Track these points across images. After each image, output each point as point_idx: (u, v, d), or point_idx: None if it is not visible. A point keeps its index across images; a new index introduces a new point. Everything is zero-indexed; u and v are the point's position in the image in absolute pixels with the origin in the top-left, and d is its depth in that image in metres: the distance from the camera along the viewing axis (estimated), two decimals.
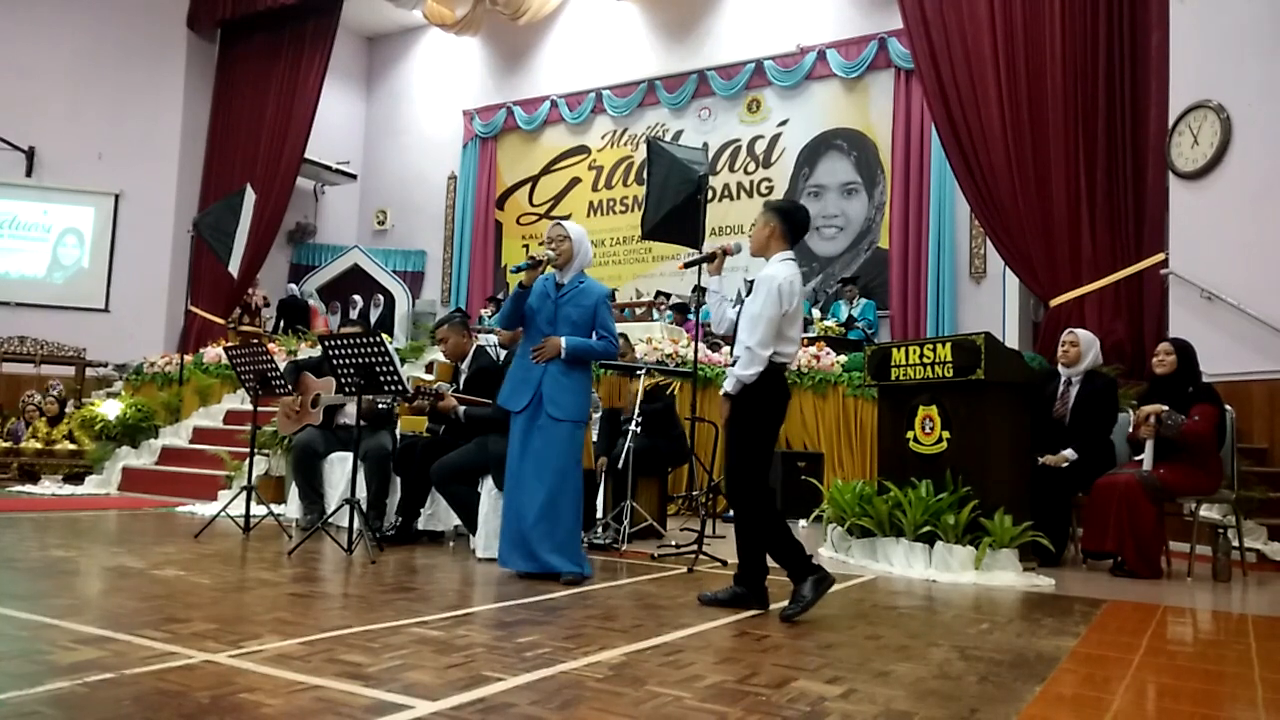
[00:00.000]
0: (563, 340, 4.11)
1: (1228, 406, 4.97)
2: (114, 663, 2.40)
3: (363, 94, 15.90)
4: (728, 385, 3.49)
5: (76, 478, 8.56)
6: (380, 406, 5.66)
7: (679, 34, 12.96)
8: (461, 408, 5.09)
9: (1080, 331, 5.52)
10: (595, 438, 5.79)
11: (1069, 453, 5.21)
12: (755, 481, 3.49)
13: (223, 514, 5.66)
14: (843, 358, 7.63)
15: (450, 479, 4.91)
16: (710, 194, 10.59)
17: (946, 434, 4.84)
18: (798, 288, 3.51)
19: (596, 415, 6.05)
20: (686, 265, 4.18)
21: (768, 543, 3.47)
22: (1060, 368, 5.47)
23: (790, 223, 3.60)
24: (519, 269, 4.11)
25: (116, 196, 12.49)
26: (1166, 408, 4.79)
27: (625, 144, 13.38)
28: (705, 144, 11.17)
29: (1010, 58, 7.80)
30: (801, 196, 11.63)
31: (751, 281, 3.64)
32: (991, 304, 10.05)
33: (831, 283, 11.24)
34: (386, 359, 4.64)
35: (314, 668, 2.43)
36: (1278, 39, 6.35)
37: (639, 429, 5.45)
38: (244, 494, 5.48)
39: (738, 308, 3.71)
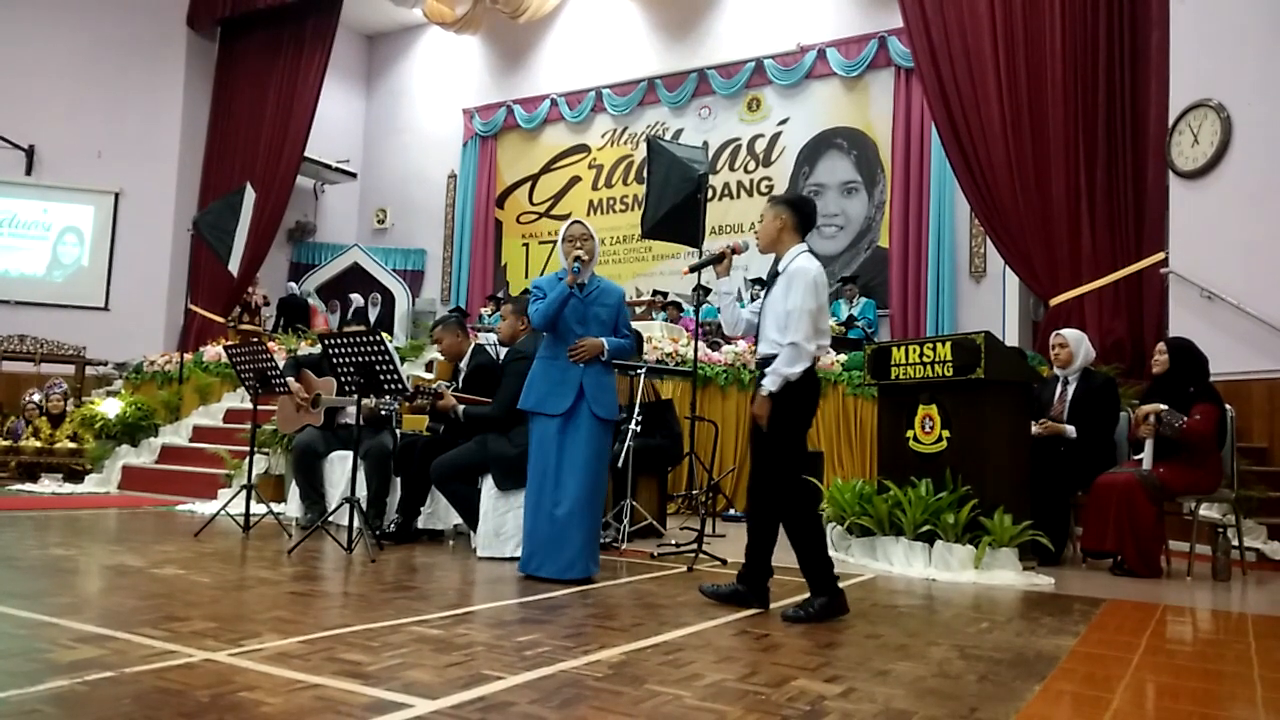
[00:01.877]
0: (604, 341, 4.11)
1: (1227, 406, 4.96)
2: (114, 661, 2.40)
3: (363, 92, 15.89)
4: (770, 384, 3.32)
5: (76, 476, 8.56)
6: (382, 413, 5.64)
7: (679, 33, 12.96)
8: (460, 407, 5.09)
9: (1067, 332, 5.54)
10: None
11: (1070, 429, 5.21)
12: (796, 481, 3.43)
13: (222, 513, 5.66)
14: (842, 357, 7.63)
15: (450, 477, 4.91)
16: (710, 193, 10.59)
17: (946, 433, 4.84)
18: (824, 280, 3.50)
19: None
20: (692, 269, 4.05)
21: (803, 545, 3.39)
22: (1055, 370, 5.49)
23: (801, 214, 3.56)
24: (574, 272, 4.06)
25: (116, 195, 12.49)
26: (1165, 407, 4.79)
27: (625, 143, 13.38)
28: (705, 143, 11.17)
29: (1010, 57, 7.80)
30: None
31: (755, 280, 3.64)
32: (991, 303, 10.05)
33: (831, 282, 11.22)
34: (386, 358, 4.64)
35: (313, 666, 2.43)
36: (1278, 38, 6.34)
37: (638, 428, 5.45)
38: (244, 493, 5.47)
39: (752, 305, 3.68)
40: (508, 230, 14.42)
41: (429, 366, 9.46)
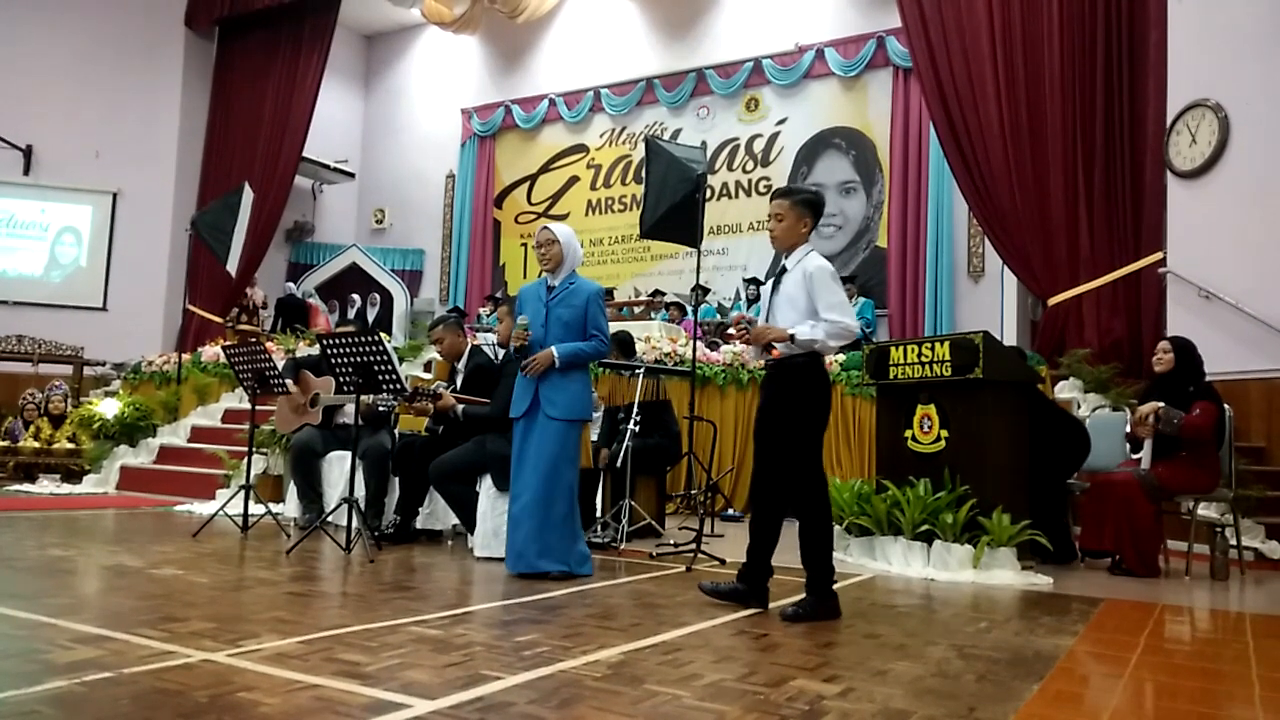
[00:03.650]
0: (554, 350, 4.13)
1: (1225, 405, 4.97)
2: (112, 662, 2.40)
3: (361, 92, 15.88)
4: (805, 332, 3.32)
5: (74, 477, 8.55)
6: (380, 409, 5.65)
7: (677, 32, 12.95)
8: (460, 406, 5.09)
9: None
10: (594, 436, 5.78)
11: None
12: (818, 478, 3.43)
13: (221, 513, 5.65)
14: (841, 356, 7.62)
15: (448, 478, 4.91)
16: (709, 193, 10.59)
17: (944, 433, 4.84)
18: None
19: (596, 414, 6.04)
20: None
21: (813, 545, 3.40)
22: None
23: (817, 214, 3.61)
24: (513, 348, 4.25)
25: (114, 195, 12.47)
26: (1163, 405, 4.80)
27: (623, 142, 13.37)
28: (704, 143, 11.17)
29: (1009, 57, 7.81)
30: None
31: (751, 280, 3.63)
32: (990, 303, 10.06)
33: None
34: (385, 358, 4.64)
35: (312, 667, 2.43)
36: (1276, 38, 6.35)
37: (637, 427, 5.45)
38: (242, 493, 5.47)
39: (756, 304, 3.66)
40: (506, 230, 14.41)
41: (427, 367, 9.45)
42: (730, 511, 7.13)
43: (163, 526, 5.70)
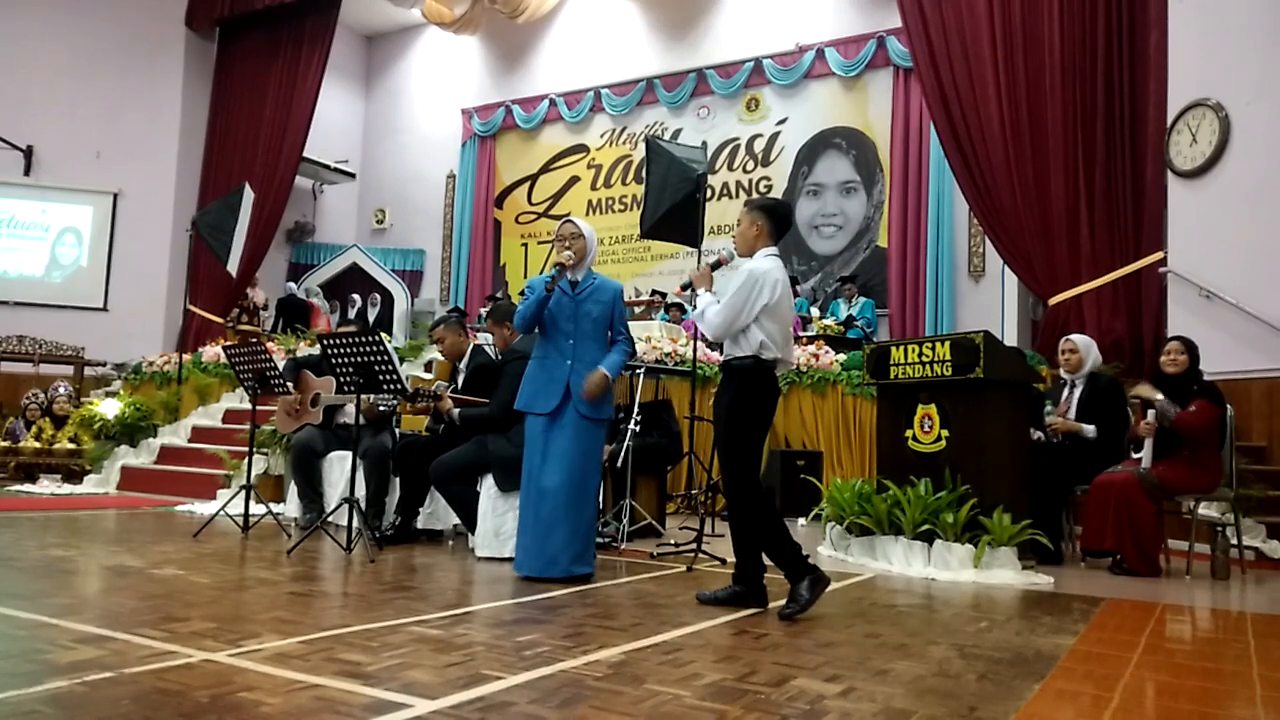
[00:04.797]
0: (604, 370, 4.08)
1: (1227, 405, 4.97)
2: (113, 662, 2.40)
3: (361, 93, 15.89)
4: (694, 289, 3.66)
5: (75, 477, 8.56)
6: (381, 409, 5.64)
7: (678, 33, 12.96)
8: (456, 410, 5.07)
9: (1077, 337, 5.56)
10: None
11: (1089, 428, 5.23)
12: (748, 479, 3.48)
13: (222, 513, 5.66)
14: (842, 356, 7.63)
15: (449, 478, 4.90)
16: (709, 193, 10.60)
17: (945, 432, 4.84)
18: (782, 281, 3.51)
19: None
20: (684, 288, 3.94)
21: (764, 542, 3.46)
22: (1063, 374, 5.50)
23: (775, 219, 3.63)
24: (550, 279, 4.04)
25: (115, 195, 12.49)
26: (1161, 395, 4.81)
27: (624, 143, 13.38)
28: (704, 143, 11.08)
29: (1009, 56, 7.81)
30: (800, 195, 11.65)
31: None
32: (990, 302, 10.05)
33: (830, 281, 11.24)
34: (386, 358, 4.64)
35: (313, 666, 2.43)
36: (1276, 38, 6.35)
37: (637, 427, 5.45)
38: (243, 493, 5.47)
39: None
40: (506, 230, 14.42)
41: (428, 366, 9.46)
42: (728, 512, 7.12)
43: (163, 527, 5.70)
